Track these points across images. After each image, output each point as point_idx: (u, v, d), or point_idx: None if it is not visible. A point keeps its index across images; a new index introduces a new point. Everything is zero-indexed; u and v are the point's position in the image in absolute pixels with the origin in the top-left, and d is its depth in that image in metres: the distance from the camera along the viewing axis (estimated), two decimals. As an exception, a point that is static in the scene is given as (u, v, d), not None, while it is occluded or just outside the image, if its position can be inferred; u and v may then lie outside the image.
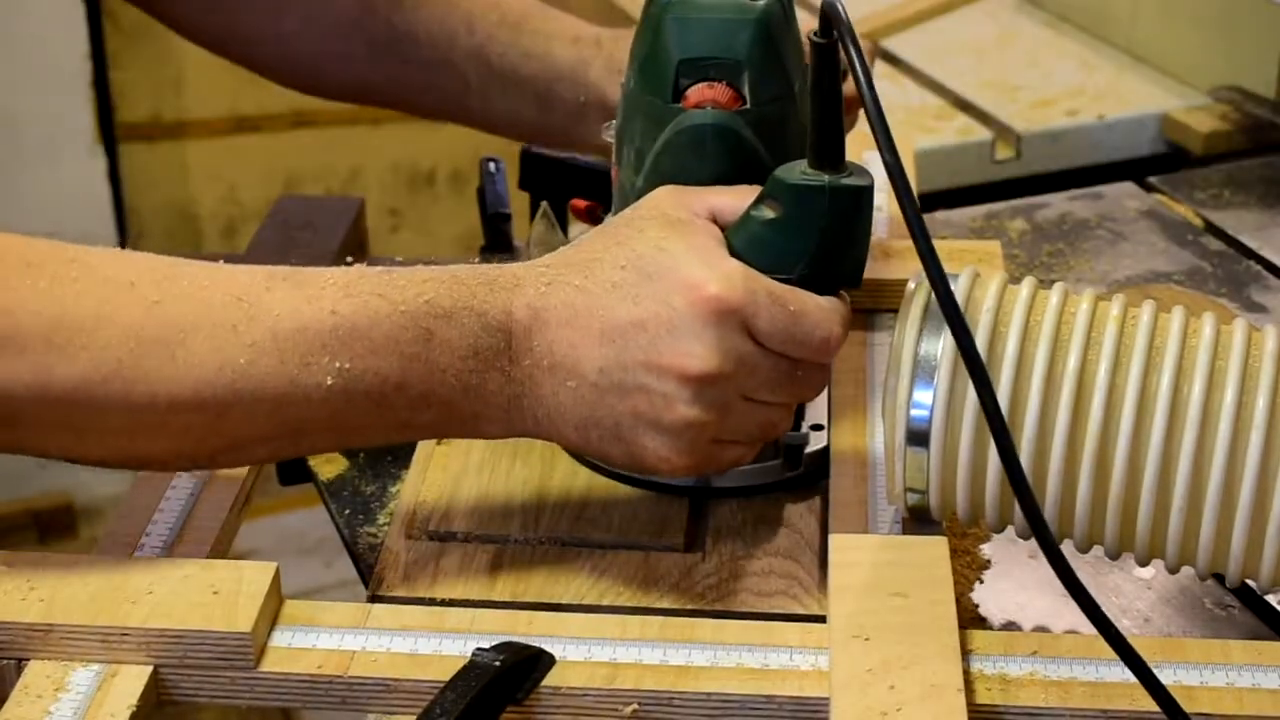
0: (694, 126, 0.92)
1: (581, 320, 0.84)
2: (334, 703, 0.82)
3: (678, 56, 0.92)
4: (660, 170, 0.93)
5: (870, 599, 0.83)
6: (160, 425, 0.83)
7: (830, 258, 0.87)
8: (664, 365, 0.83)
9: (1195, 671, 0.81)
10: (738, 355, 0.84)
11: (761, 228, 0.87)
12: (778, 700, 0.80)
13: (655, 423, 0.85)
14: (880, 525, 0.92)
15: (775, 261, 0.86)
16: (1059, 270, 1.30)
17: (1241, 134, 1.52)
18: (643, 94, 0.94)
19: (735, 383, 0.85)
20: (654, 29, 0.93)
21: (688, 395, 0.84)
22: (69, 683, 0.81)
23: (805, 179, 0.86)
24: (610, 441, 0.86)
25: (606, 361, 0.84)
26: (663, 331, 0.83)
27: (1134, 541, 0.84)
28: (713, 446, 0.87)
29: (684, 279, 0.84)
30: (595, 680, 0.81)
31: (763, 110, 0.92)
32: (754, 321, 0.84)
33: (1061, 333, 0.84)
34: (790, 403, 0.89)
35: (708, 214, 0.88)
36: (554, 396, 0.85)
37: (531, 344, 0.85)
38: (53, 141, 2.41)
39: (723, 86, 0.92)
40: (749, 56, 0.92)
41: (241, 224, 2.57)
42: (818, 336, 0.86)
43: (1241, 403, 0.81)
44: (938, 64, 1.65)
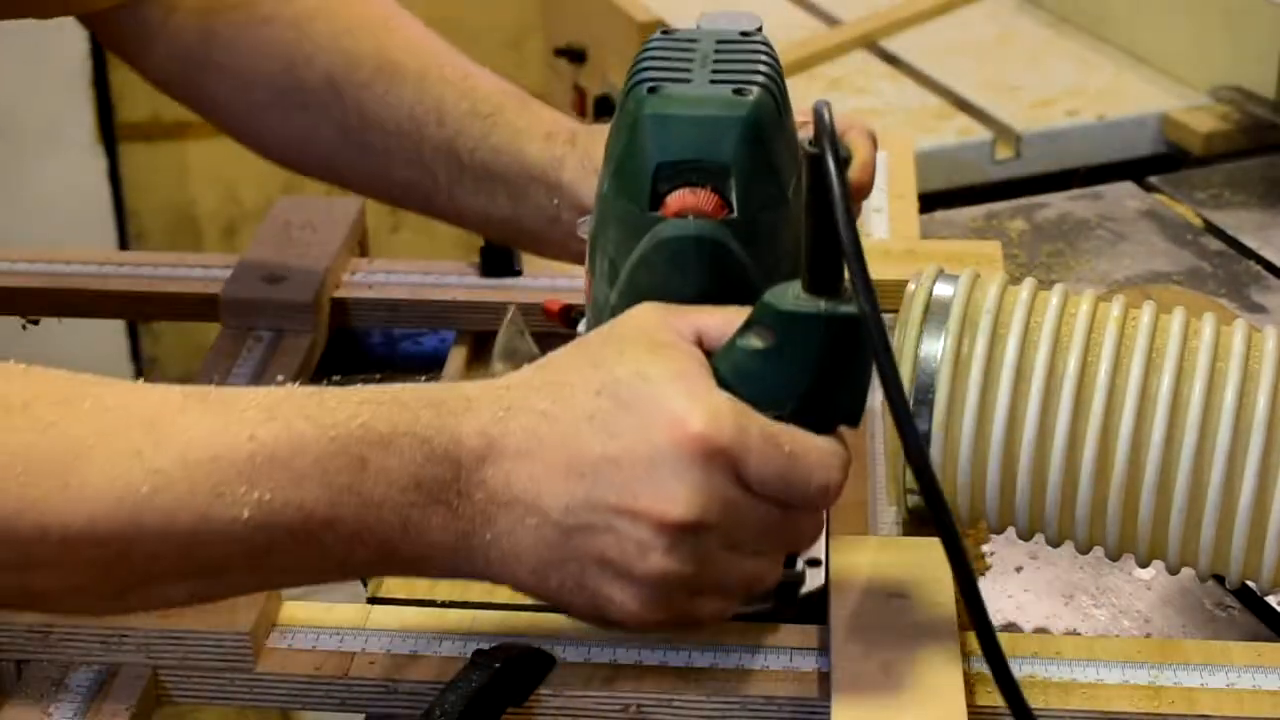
0: (674, 238, 0.81)
1: (546, 452, 0.75)
2: (334, 704, 0.82)
3: (656, 159, 0.81)
4: (637, 285, 0.82)
5: (870, 599, 0.83)
6: (53, 559, 0.72)
7: (827, 393, 0.77)
8: (639, 509, 0.74)
9: (1195, 673, 0.81)
10: (723, 501, 0.74)
11: (750, 358, 0.76)
12: (778, 701, 0.80)
13: (624, 572, 0.75)
14: (880, 525, 0.92)
15: (766, 396, 0.76)
16: (1059, 271, 1.30)
17: (1241, 134, 1.52)
18: (617, 199, 0.83)
19: (719, 532, 0.75)
20: (630, 127, 0.82)
21: (664, 544, 0.74)
22: (69, 684, 0.81)
23: (799, 306, 0.76)
24: (572, 590, 0.77)
25: (573, 499, 0.74)
26: (640, 471, 0.74)
27: (1134, 542, 0.84)
28: (688, 601, 0.77)
29: (667, 412, 0.74)
30: (595, 682, 0.81)
31: (752, 219, 0.81)
32: (743, 464, 0.74)
33: (1062, 334, 0.84)
34: (781, 553, 0.80)
35: (693, 337, 0.78)
36: (510, 536, 0.76)
37: (485, 476, 0.75)
38: (53, 141, 2.41)
39: (707, 192, 0.81)
40: (736, 159, 0.81)
41: (241, 224, 2.57)
42: (815, 483, 0.76)
43: (1242, 404, 0.81)
44: (938, 64, 1.65)
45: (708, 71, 0.83)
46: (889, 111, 1.56)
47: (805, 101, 1.58)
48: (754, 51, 0.85)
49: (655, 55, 0.85)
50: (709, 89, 0.82)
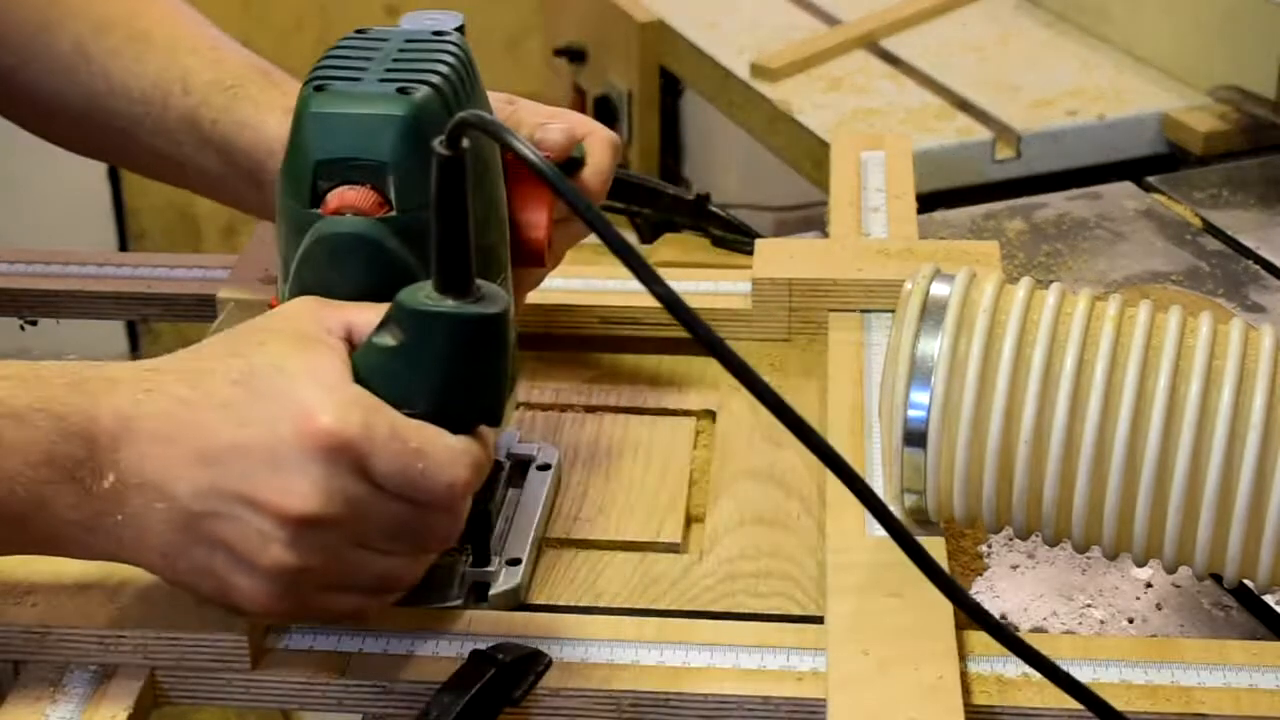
0: (331, 235, 0.82)
1: (180, 437, 0.75)
2: (330, 704, 0.82)
3: (316, 156, 0.82)
4: (302, 281, 0.83)
5: (868, 599, 0.84)
6: None
7: (460, 392, 0.77)
8: (261, 500, 0.74)
9: (1193, 672, 0.81)
10: (347, 497, 0.74)
11: (383, 355, 0.77)
12: (775, 701, 0.80)
13: (249, 563, 0.75)
14: (879, 526, 0.92)
15: (398, 393, 0.76)
16: (1057, 270, 1.30)
17: (1241, 134, 1.52)
18: (284, 197, 0.84)
19: (344, 528, 0.75)
20: (294, 125, 0.84)
21: (285, 536, 0.74)
22: (66, 685, 0.81)
23: (426, 304, 0.76)
24: (199, 575, 0.77)
25: (201, 486, 0.75)
26: (265, 461, 0.74)
27: (1131, 541, 0.84)
28: (318, 594, 0.77)
29: (296, 404, 0.74)
30: (592, 681, 0.81)
31: (411, 217, 0.82)
32: (369, 460, 0.74)
33: (1058, 333, 0.84)
34: (413, 553, 0.79)
35: (343, 332, 0.79)
36: (140, 518, 0.76)
37: (118, 456, 0.75)
38: (53, 142, 2.41)
39: (366, 190, 0.82)
40: (394, 157, 0.82)
41: (241, 224, 2.57)
42: (441, 481, 0.75)
43: (1239, 402, 0.81)
44: (938, 64, 1.65)
45: (381, 70, 0.85)
46: (889, 111, 1.56)
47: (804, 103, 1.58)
48: (438, 51, 0.86)
49: (338, 54, 0.87)
50: (374, 87, 0.84)
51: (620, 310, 1.11)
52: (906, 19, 1.75)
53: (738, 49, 1.69)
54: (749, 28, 1.75)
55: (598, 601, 0.90)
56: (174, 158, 1.04)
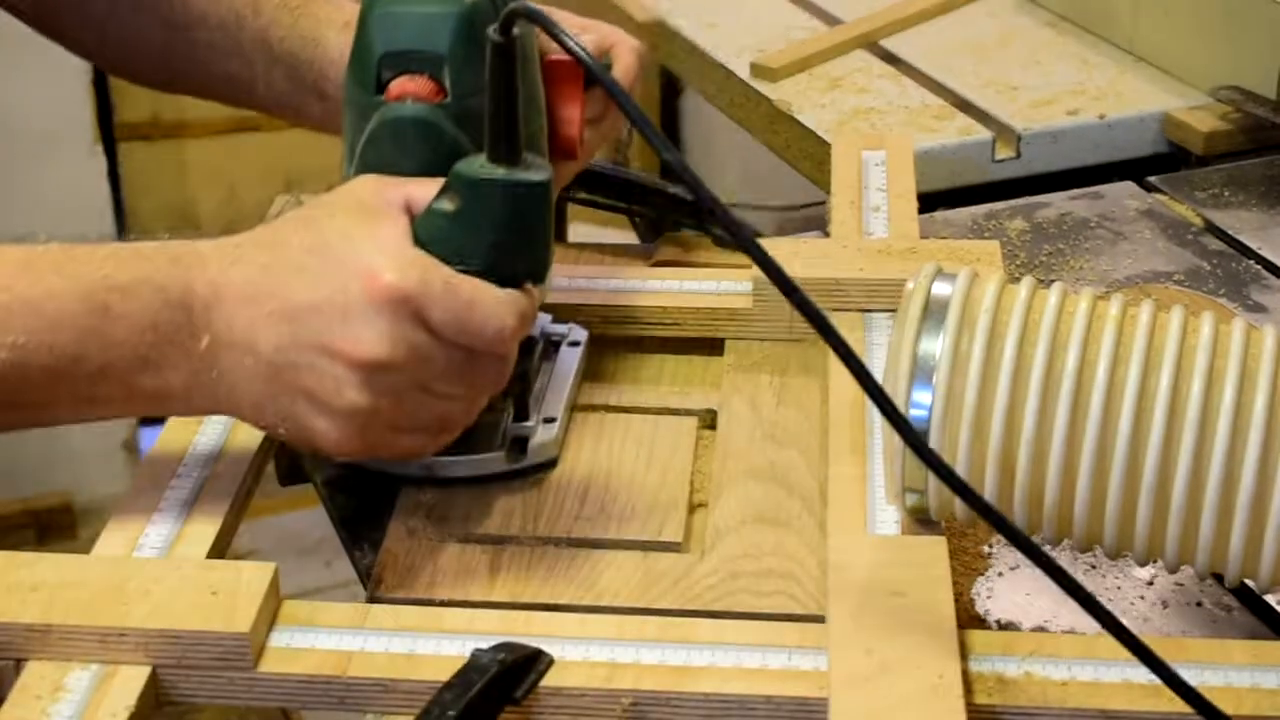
0: (394, 119, 0.94)
1: (262, 299, 0.86)
2: (332, 703, 0.82)
3: (381, 49, 0.94)
4: (366, 162, 0.95)
5: (870, 599, 0.83)
6: None
7: (509, 251, 0.88)
8: (335, 349, 0.84)
9: (1194, 671, 0.81)
10: (410, 344, 0.85)
11: (442, 219, 0.87)
12: (776, 700, 0.80)
13: (325, 406, 0.86)
14: (880, 525, 0.92)
15: (454, 253, 0.87)
16: (1058, 270, 1.30)
17: (1242, 134, 1.51)
18: (351, 86, 0.96)
19: (408, 372, 0.85)
20: (362, 22, 0.95)
21: (357, 381, 0.85)
22: (67, 683, 0.81)
23: (480, 173, 0.87)
24: (284, 421, 0.87)
25: (282, 341, 0.85)
26: (337, 316, 0.84)
27: (1133, 541, 0.84)
28: (386, 433, 0.87)
29: (361, 265, 0.85)
30: (594, 680, 0.81)
31: (464, 103, 0.93)
32: (428, 311, 0.85)
33: (1060, 332, 0.84)
34: (469, 396, 0.89)
35: (403, 204, 0.89)
36: (232, 373, 0.86)
37: (210, 319, 0.86)
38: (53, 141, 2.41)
39: (424, 79, 0.94)
40: (451, 50, 0.93)
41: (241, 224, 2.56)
42: (491, 327, 0.86)
43: (1240, 402, 0.81)
44: (938, 64, 1.65)
45: None
46: (889, 111, 1.55)
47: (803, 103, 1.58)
48: None
49: None
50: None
51: (621, 310, 1.11)
52: (906, 19, 1.74)
53: (738, 49, 1.69)
54: (749, 28, 1.75)
55: (599, 601, 0.90)
56: (247, 79, 1.14)
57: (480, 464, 0.98)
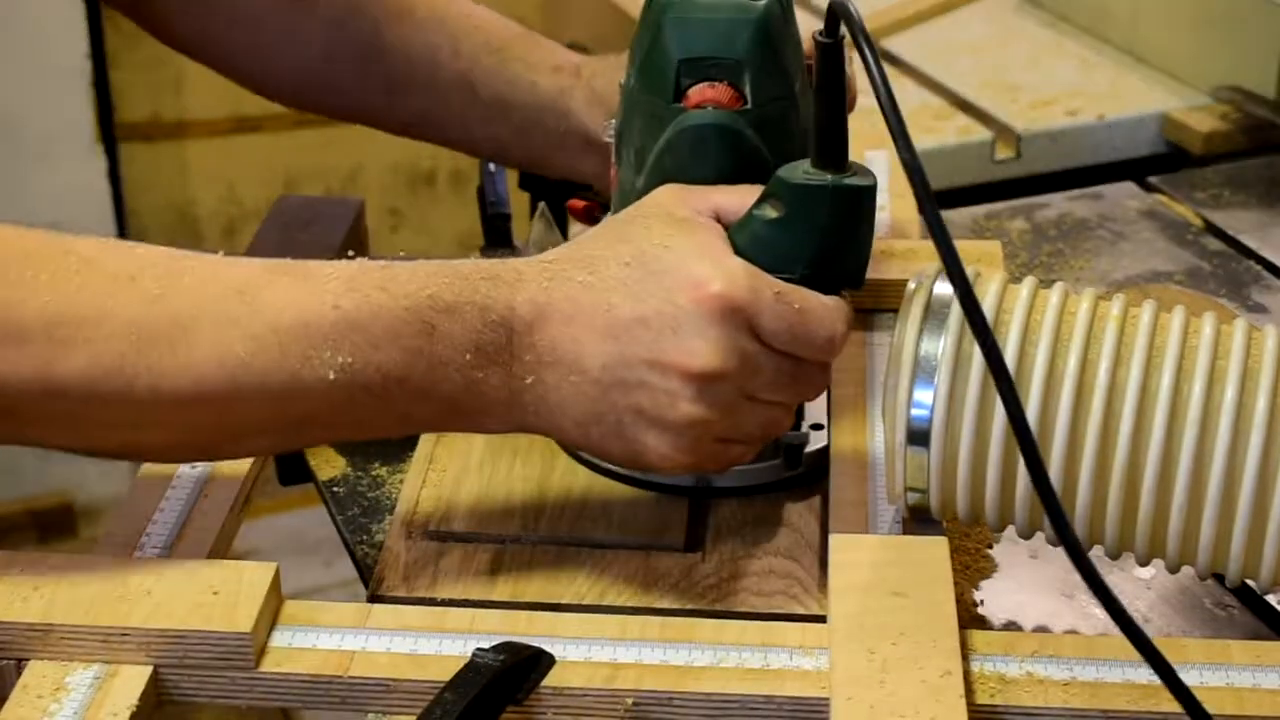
0: (696, 126, 0.92)
1: (585, 316, 0.84)
2: (334, 703, 0.82)
3: (678, 56, 0.92)
4: (662, 170, 0.93)
5: (870, 599, 0.83)
6: (162, 418, 0.83)
7: (833, 258, 0.87)
8: (667, 362, 0.83)
9: (1195, 672, 0.81)
10: (741, 353, 0.84)
11: (764, 227, 0.86)
12: (778, 700, 0.80)
13: (657, 420, 0.85)
14: (880, 525, 0.92)
15: (778, 261, 0.86)
16: (1059, 270, 1.30)
17: (1242, 134, 1.52)
18: (643, 94, 0.94)
19: (738, 381, 0.84)
20: (654, 29, 0.93)
21: (691, 393, 0.84)
22: (69, 683, 0.81)
23: (808, 179, 0.86)
24: (611, 438, 0.86)
25: (609, 358, 0.84)
26: (666, 329, 0.83)
27: (1134, 541, 0.84)
28: (714, 445, 0.87)
29: (688, 276, 0.84)
30: (595, 680, 0.81)
31: (763, 110, 0.92)
32: (758, 320, 0.84)
33: (1062, 332, 0.84)
34: (792, 402, 0.89)
35: (711, 212, 0.88)
36: (556, 392, 0.85)
37: (534, 339, 0.85)
38: (53, 141, 2.41)
39: (724, 86, 0.92)
40: (749, 56, 0.92)
41: (241, 224, 2.57)
42: (822, 335, 0.85)
43: (1242, 402, 0.81)
44: (938, 64, 1.65)
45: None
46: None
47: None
48: None
49: None
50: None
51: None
52: (906, 19, 1.75)
53: (738, 49, 1.69)
54: (749, 28, 1.75)
55: (601, 600, 0.90)
56: (440, 116, 1.15)
57: (757, 473, 0.98)
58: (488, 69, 1.12)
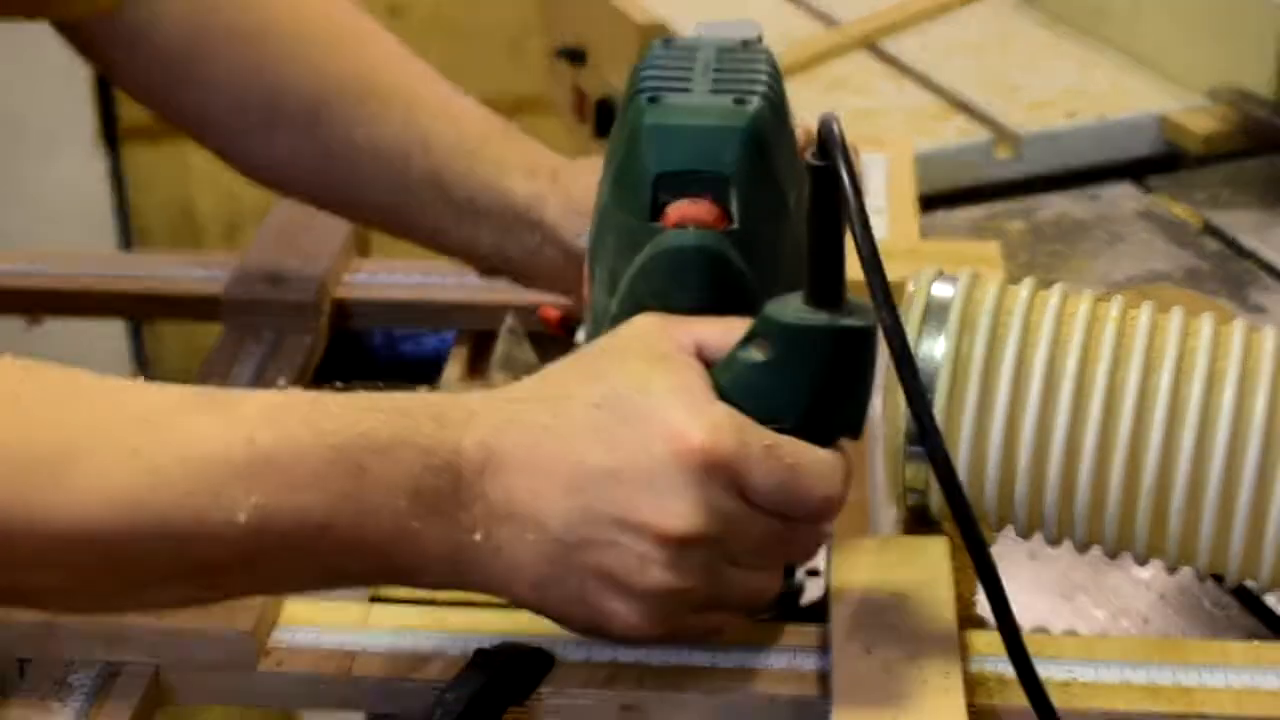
0: (674, 248, 0.80)
1: (546, 465, 0.74)
2: (334, 703, 0.83)
3: (656, 169, 0.81)
4: (636, 295, 0.82)
5: (871, 599, 0.84)
6: (43, 560, 0.72)
7: (829, 406, 0.77)
8: (640, 522, 0.74)
9: (1194, 672, 0.81)
10: (725, 515, 0.74)
11: (751, 370, 0.76)
12: (778, 701, 0.80)
13: (626, 587, 0.75)
14: (880, 525, 0.93)
15: (767, 409, 0.76)
16: (1058, 271, 1.30)
17: (1240, 134, 1.52)
18: (617, 210, 0.83)
19: (721, 546, 0.75)
20: (630, 137, 0.82)
21: (665, 558, 0.74)
22: (71, 683, 0.81)
23: (801, 319, 0.76)
24: (573, 604, 0.77)
25: (573, 514, 0.74)
26: (641, 484, 0.74)
27: (1133, 541, 0.85)
28: (690, 614, 0.78)
29: (667, 425, 0.74)
30: (595, 681, 0.81)
31: (753, 230, 0.81)
32: (746, 478, 0.74)
33: (1061, 334, 0.84)
34: (780, 567, 0.81)
35: (693, 348, 0.78)
36: (510, 549, 0.75)
37: (485, 488, 0.75)
38: (54, 141, 2.41)
39: (707, 203, 0.80)
40: (736, 170, 0.80)
41: (242, 224, 2.57)
42: (818, 495, 0.76)
43: (1240, 403, 0.81)
44: (937, 64, 1.65)
45: (708, 81, 0.83)
46: (889, 112, 1.56)
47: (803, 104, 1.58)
48: (754, 61, 0.85)
49: (656, 65, 0.84)
50: (709, 99, 0.82)
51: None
52: (906, 19, 1.75)
53: (738, 50, 1.69)
54: (749, 28, 1.75)
55: (601, 601, 0.90)
56: (411, 214, 1.05)
57: None
58: (459, 171, 1.03)
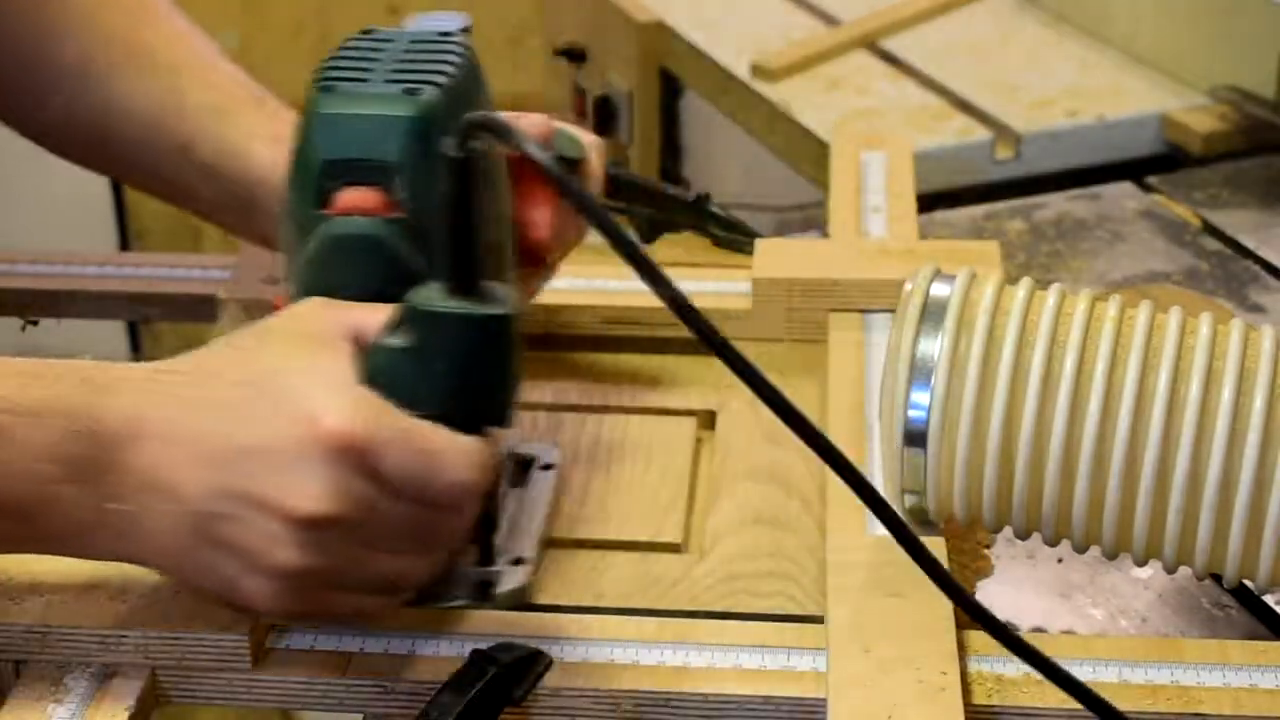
0: (338, 235, 0.82)
1: (187, 439, 0.75)
2: (331, 704, 0.83)
3: (323, 157, 0.83)
4: (307, 283, 0.83)
5: (868, 599, 0.84)
6: None
7: (470, 393, 0.78)
8: (269, 502, 0.74)
9: (1193, 671, 0.81)
10: (356, 499, 0.75)
11: (394, 357, 0.77)
12: (775, 701, 0.80)
13: (255, 564, 0.76)
14: (879, 525, 0.92)
15: (408, 395, 0.76)
16: (1057, 270, 1.30)
17: (1240, 134, 1.52)
18: (291, 196, 0.85)
19: (353, 529, 0.75)
20: (303, 125, 0.84)
21: (295, 538, 0.75)
22: (67, 684, 0.81)
23: (438, 305, 0.76)
24: (205, 575, 0.78)
25: (208, 489, 0.75)
26: (274, 463, 0.74)
27: (1131, 542, 0.85)
28: (325, 594, 0.78)
29: (301, 406, 0.74)
30: (593, 681, 0.81)
31: (420, 218, 0.82)
32: (379, 461, 0.74)
33: (1059, 333, 0.84)
34: (423, 553, 0.80)
35: (350, 334, 0.78)
36: (146, 519, 0.76)
37: (125, 457, 0.75)
38: (53, 142, 2.41)
39: (374, 191, 0.82)
40: (403, 158, 0.82)
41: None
42: (451, 482, 0.76)
43: (1239, 403, 0.81)
44: (938, 64, 1.65)
45: (387, 71, 0.85)
46: (888, 112, 1.56)
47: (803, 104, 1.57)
48: (444, 52, 0.86)
49: (344, 54, 0.87)
50: (381, 88, 0.84)
51: (621, 310, 1.11)
52: (906, 19, 1.75)
53: (738, 49, 1.69)
54: (749, 28, 1.75)
55: (598, 601, 0.90)
56: (172, 181, 1.04)
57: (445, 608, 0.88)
58: (211, 135, 1.01)
